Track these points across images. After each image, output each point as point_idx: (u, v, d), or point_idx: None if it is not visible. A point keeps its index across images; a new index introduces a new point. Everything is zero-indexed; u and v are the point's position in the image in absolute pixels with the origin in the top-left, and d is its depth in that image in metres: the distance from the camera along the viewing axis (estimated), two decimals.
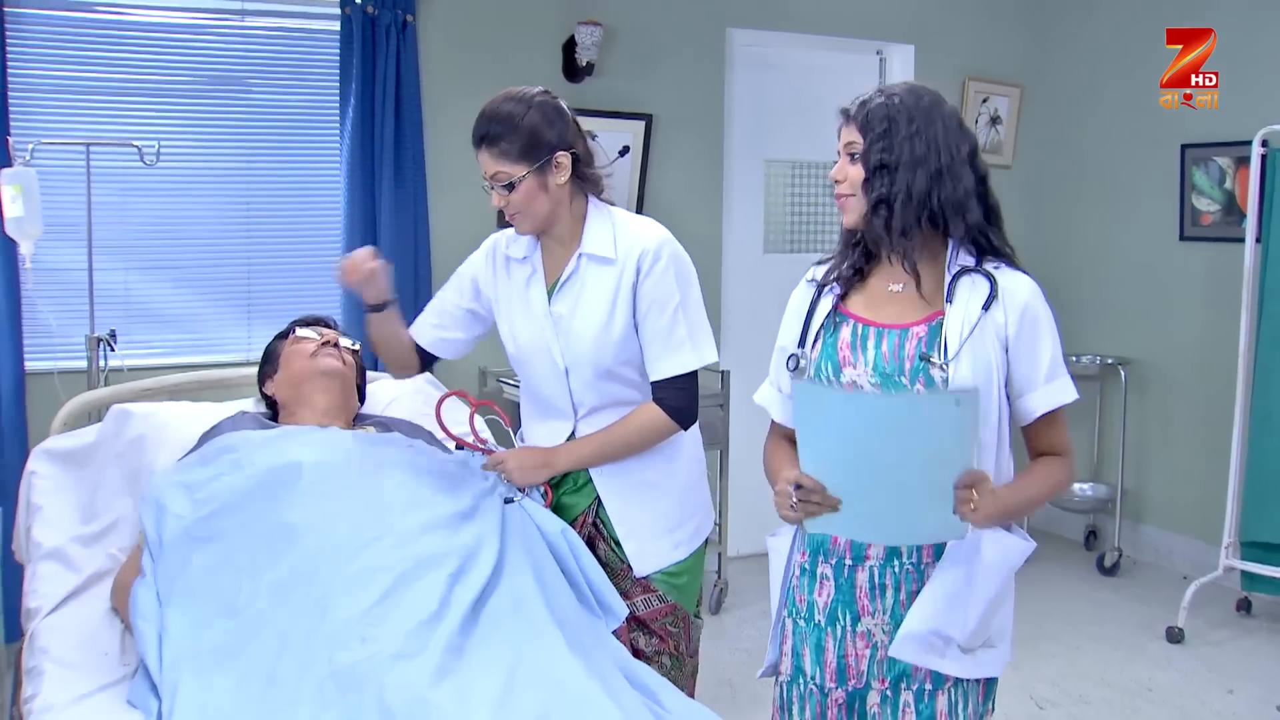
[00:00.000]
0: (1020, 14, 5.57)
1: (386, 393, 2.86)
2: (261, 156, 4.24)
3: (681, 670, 2.47)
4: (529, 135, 2.28)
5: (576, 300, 2.34)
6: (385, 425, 2.53)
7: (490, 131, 2.26)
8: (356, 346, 2.69)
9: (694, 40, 4.85)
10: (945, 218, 1.96)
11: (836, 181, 2.05)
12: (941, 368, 1.91)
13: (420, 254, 4.37)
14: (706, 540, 2.52)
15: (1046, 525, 5.68)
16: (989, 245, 2.02)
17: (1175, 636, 4.30)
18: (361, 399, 2.71)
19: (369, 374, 2.88)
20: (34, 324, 3.96)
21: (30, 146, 3.46)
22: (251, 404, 2.66)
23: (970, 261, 2.00)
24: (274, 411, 2.56)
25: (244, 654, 1.82)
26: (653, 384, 2.36)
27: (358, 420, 2.62)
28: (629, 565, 2.38)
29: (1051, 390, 1.98)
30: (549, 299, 2.36)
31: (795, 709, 2.10)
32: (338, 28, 4.19)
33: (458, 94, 4.43)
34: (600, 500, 2.40)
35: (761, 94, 5.11)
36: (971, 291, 1.97)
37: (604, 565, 2.39)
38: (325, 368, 2.50)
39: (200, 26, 4.12)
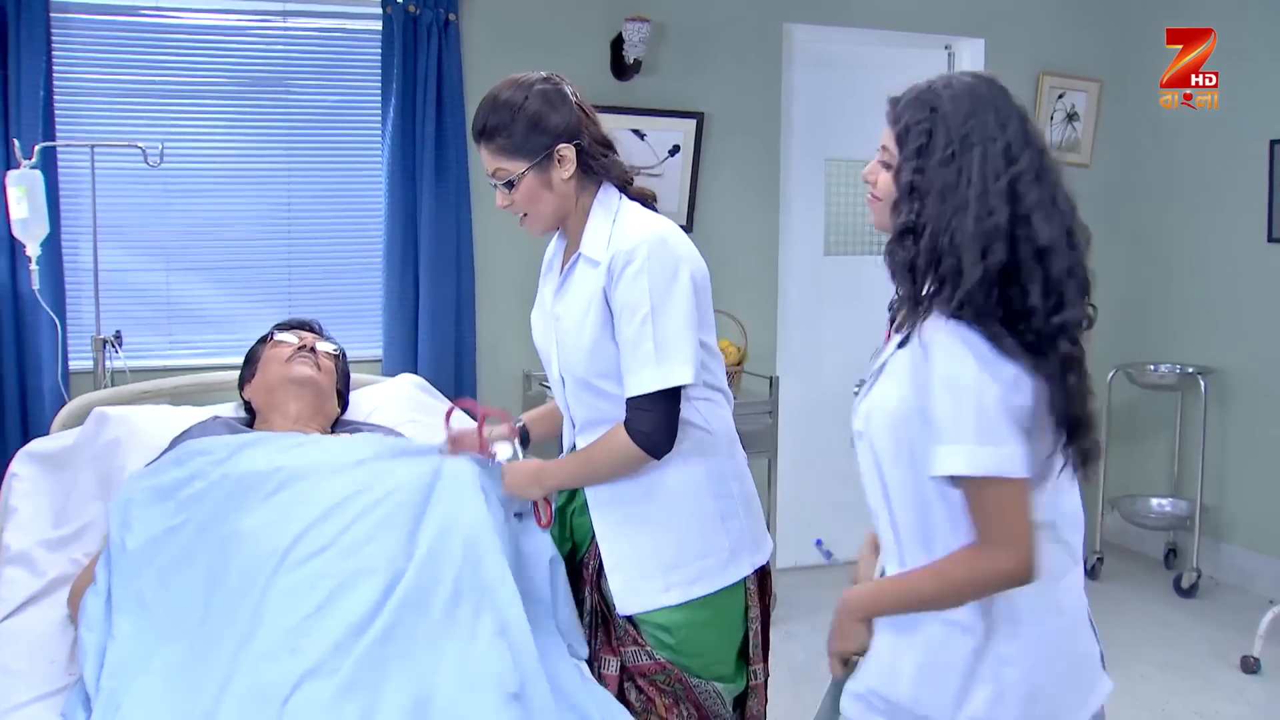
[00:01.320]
0: (1099, 3, 5.30)
1: (371, 399, 2.79)
2: (303, 157, 4.22)
3: None
4: (527, 126, 2.13)
5: (569, 304, 2.19)
6: (371, 433, 2.45)
7: (488, 124, 2.13)
8: (336, 352, 2.62)
9: (749, 36, 4.71)
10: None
11: (867, 181, 1.88)
12: None
13: (463, 255, 4.31)
14: (732, 589, 2.23)
15: (1124, 541, 5.41)
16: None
17: (1250, 667, 4.02)
18: (344, 405, 2.64)
19: (358, 377, 2.84)
20: (77, 323, 4.00)
21: (36, 148, 3.46)
22: (231, 409, 2.62)
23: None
24: (253, 416, 2.50)
25: (183, 665, 1.77)
26: (626, 403, 2.13)
27: (336, 427, 2.55)
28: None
29: (942, 454, 1.66)
30: (553, 300, 2.24)
31: None
32: (379, 27, 4.15)
33: None
34: None
35: (822, 91, 4.95)
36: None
37: (606, 604, 2.25)
38: (296, 375, 2.44)
39: (242, 28, 4.11)
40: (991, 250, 1.67)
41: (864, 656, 1.81)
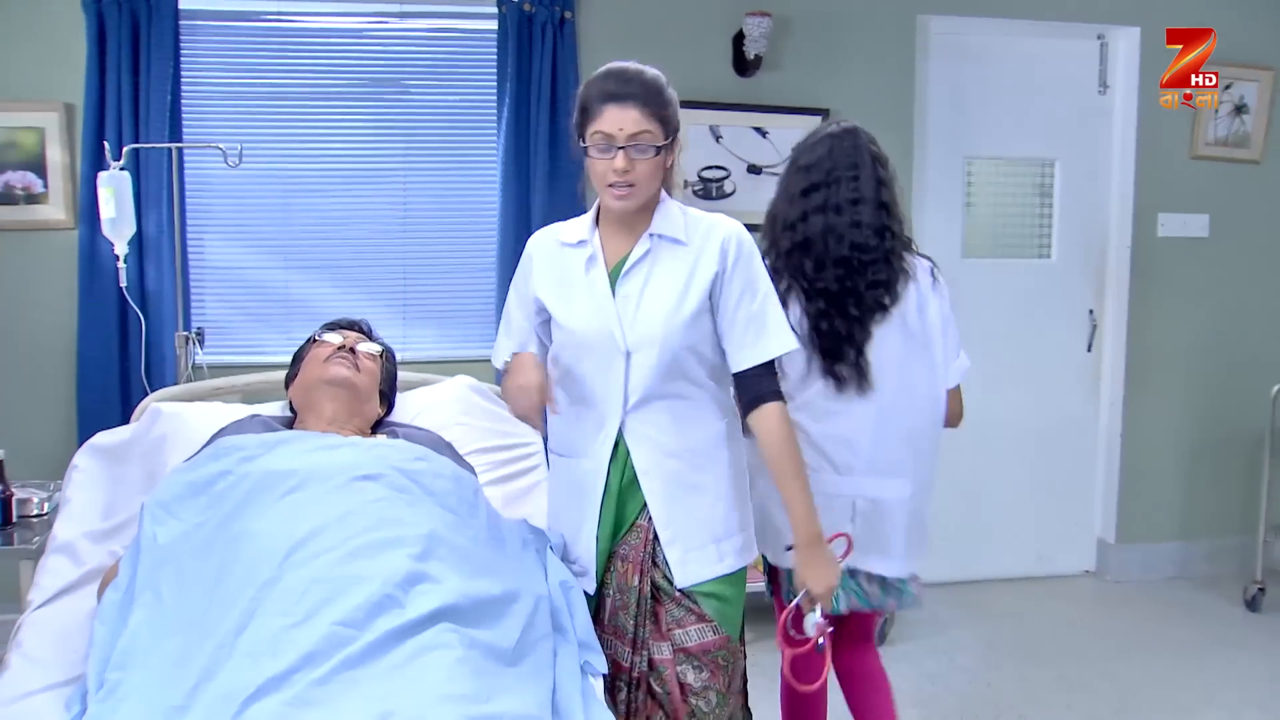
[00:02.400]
0: None
1: (420, 401, 2.74)
2: (419, 157, 4.26)
3: (725, 708, 2.30)
4: (670, 109, 2.20)
5: (646, 281, 2.23)
6: (408, 436, 2.41)
7: (644, 92, 2.15)
8: (378, 352, 2.59)
9: (878, 29, 4.51)
10: None
11: None
12: None
13: None
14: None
15: None
16: None
17: None
18: (389, 406, 2.60)
19: (412, 377, 2.80)
20: (201, 318, 4.12)
21: (125, 149, 3.57)
22: (278, 408, 2.61)
23: None
24: (295, 415, 2.49)
25: (177, 660, 1.75)
26: (745, 376, 2.26)
27: (378, 428, 2.51)
28: (672, 580, 2.24)
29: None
30: (613, 281, 2.24)
31: None
32: (495, 27, 4.15)
33: None
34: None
35: (960, 86, 4.70)
36: None
37: (656, 591, 2.25)
38: (331, 375, 2.41)
39: (359, 30, 4.18)
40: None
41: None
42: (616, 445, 2.24)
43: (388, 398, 2.59)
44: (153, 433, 2.51)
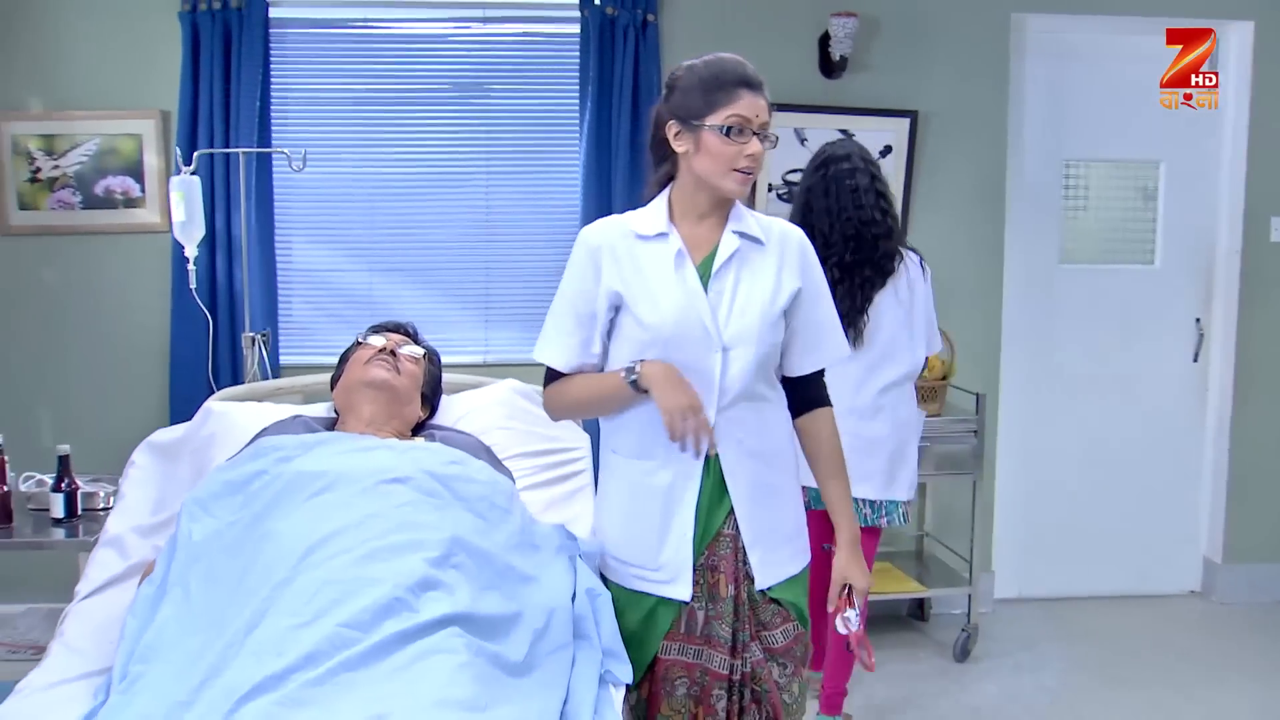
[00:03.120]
0: None
1: (465, 404, 2.74)
2: (501, 160, 4.29)
3: (803, 695, 2.34)
4: None
5: (738, 278, 2.20)
6: (446, 439, 2.41)
7: (764, 82, 2.17)
8: (421, 355, 2.60)
9: (971, 28, 4.38)
10: None
11: None
12: None
13: None
14: None
15: None
16: None
17: None
18: (432, 409, 2.61)
19: (461, 379, 2.81)
20: (289, 320, 4.22)
21: (195, 155, 3.66)
22: (325, 409, 2.64)
23: None
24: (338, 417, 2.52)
25: (195, 654, 1.78)
26: (803, 380, 2.31)
27: (419, 430, 2.52)
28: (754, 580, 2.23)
29: None
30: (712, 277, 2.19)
31: None
32: (578, 31, 4.16)
33: None
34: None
35: (1060, 86, 4.53)
36: None
37: (748, 603, 2.21)
38: (370, 378, 2.43)
39: (444, 35, 4.22)
40: None
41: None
42: None
43: (430, 400, 2.60)
44: (203, 431, 2.56)
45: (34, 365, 4.15)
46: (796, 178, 4.33)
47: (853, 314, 3.19)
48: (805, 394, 2.30)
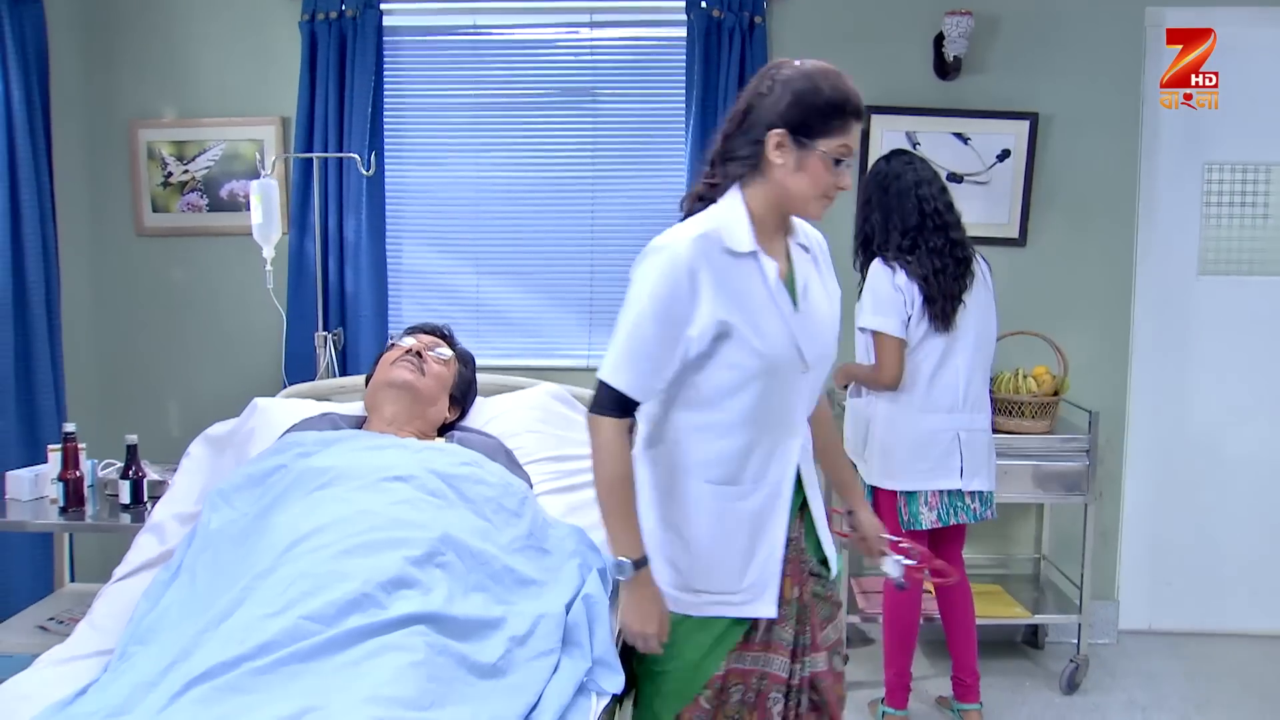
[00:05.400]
0: None
1: (495, 407, 2.73)
2: (608, 164, 4.30)
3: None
4: None
5: (808, 290, 2.12)
6: (465, 441, 2.41)
7: None
8: (448, 358, 2.60)
9: (1099, 24, 4.15)
10: None
11: None
12: None
13: None
14: None
15: None
16: None
17: None
18: (463, 411, 2.61)
19: (498, 380, 2.80)
20: (398, 321, 4.32)
21: (270, 160, 3.77)
22: (361, 406, 2.68)
23: None
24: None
25: (181, 637, 1.82)
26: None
27: (445, 432, 2.53)
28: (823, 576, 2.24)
29: None
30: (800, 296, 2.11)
31: None
32: (684, 34, 4.13)
33: None
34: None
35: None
36: None
37: (810, 603, 2.18)
38: (393, 378, 2.47)
39: (551, 41, 4.26)
40: None
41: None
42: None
43: (460, 402, 2.62)
44: (246, 426, 2.65)
45: (165, 360, 4.37)
46: None
47: (953, 304, 3.29)
48: None
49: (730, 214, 2.04)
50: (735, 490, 2.10)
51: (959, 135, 4.14)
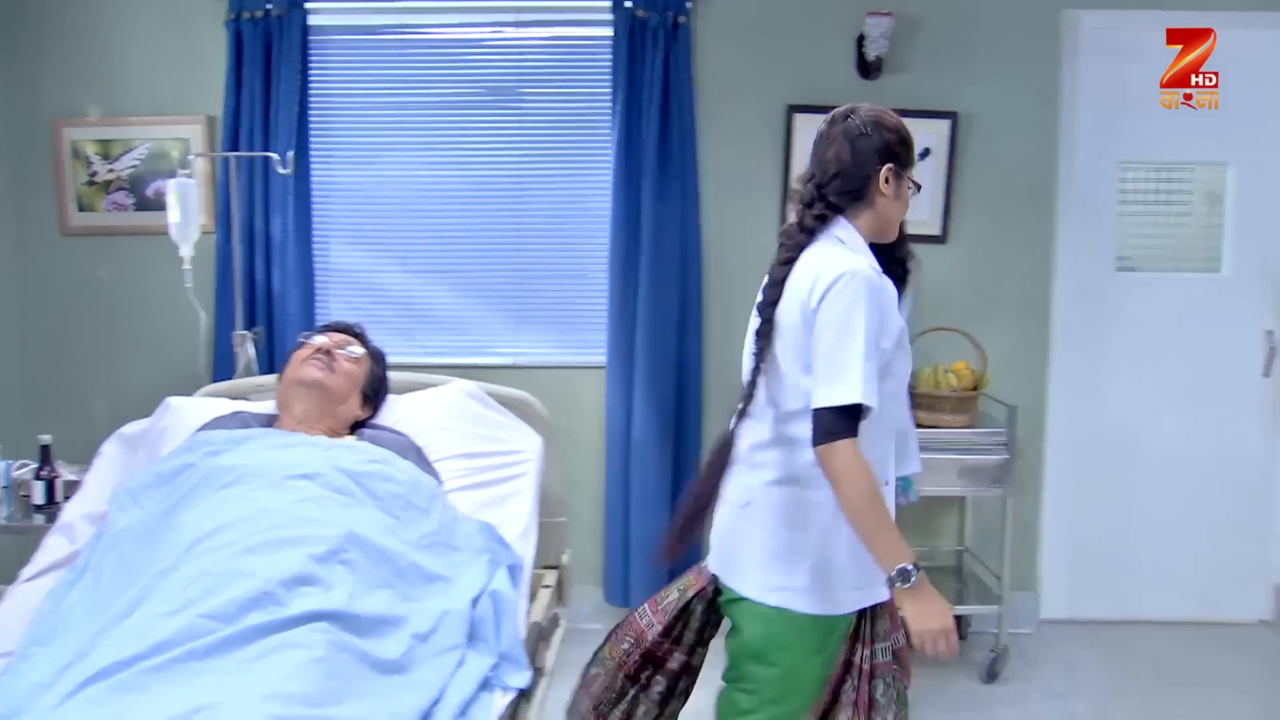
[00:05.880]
0: None
1: (409, 405, 2.76)
2: (534, 163, 4.31)
3: None
4: None
5: None
6: (376, 439, 2.44)
7: None
8: (359, 356, 2.63)
9: (1018, 27, 4.22)
10: None
11: None
12: None
13: (688, 263, 4.23)
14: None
15: None
16: None
17: None
18: (375, 408, 2.64)
19: (409, 378, 2.82)
20: (324, 320, 4.31)
21: (191, 158, 3.79)
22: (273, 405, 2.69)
23: None
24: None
25: (80, 638, 1.83)
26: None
27: (356, 429, 2.55)
28: None
29: None
30: None
31: None
32: (610, 33, 4.16)
33: (738, 96, 4.23)
34: None
35: (1118, 85, 4.30)
36: None
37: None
38: (301, 376, 2.49)
39: (478, 40, 4.27)
40: None
41: None
42: None
43: (372, 400, 2.64)
44: (159, 424, 2.66)
45: (91, 360, 4.35)
46: None
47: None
48: None
49: (860, 243, 2.25)
50: (888, 490, 2.22)
51: None
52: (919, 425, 3.67)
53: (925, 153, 4.22)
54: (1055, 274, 4.34)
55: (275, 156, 3.92)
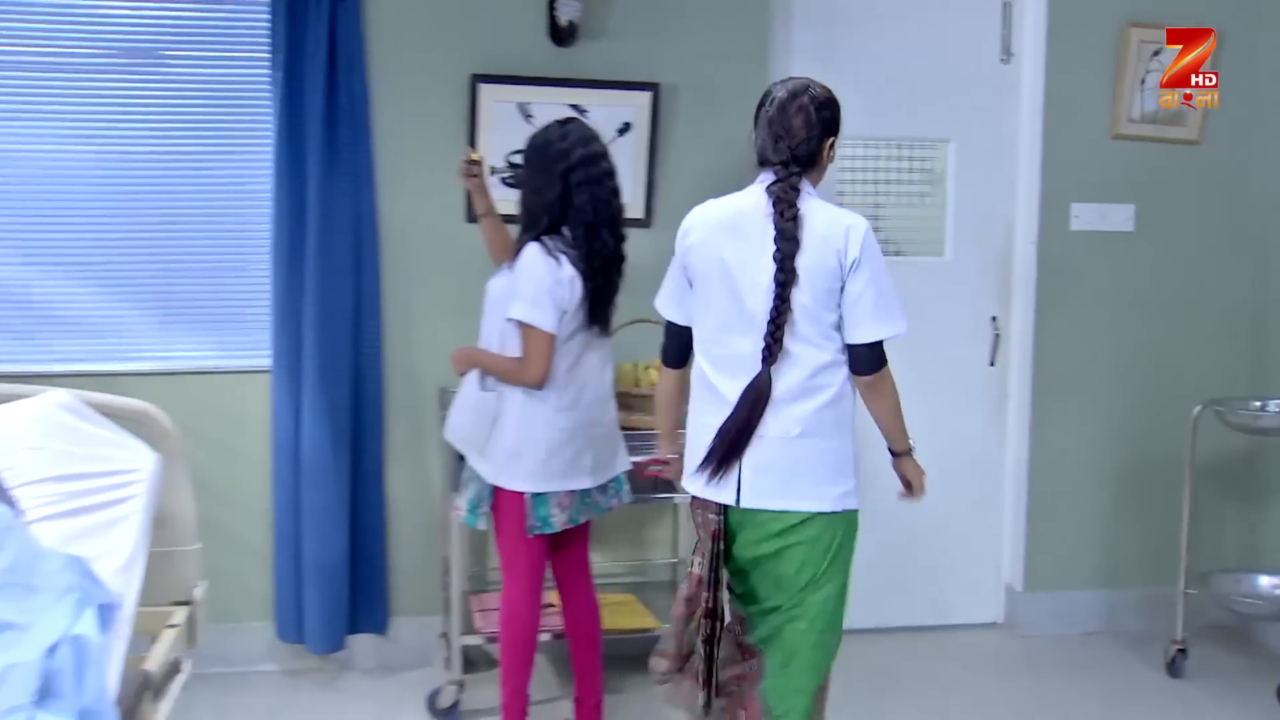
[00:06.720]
0: None
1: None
2: (182, 140, 3.75)
3: None
4: None
5: None
6: None
7: None
8: None
9: None
10: None
11: None
12: None
13: (364, 252, 3.78)
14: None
15: (1217, 627, 4.24)
16: None
17: None
18: None
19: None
20: None
21: None
22: None
23: None
24: None
25: None
26: None
27: None
28: None
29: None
30: None
31: None
32: None
33: (417, 64, 3.77)
34: None
35: (831, 56, 4.00)
36: None
37: None
38: None
39: None
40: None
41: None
42: None
43: None
44: None
45: None
46: (521, 159, 3.84)
47: (608, 308, 3.18)
48: None
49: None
50: None
51: (576, 107, 3.78)
52: (622, 427, 3.34)
53: (626, 127, 3.85)
54: None
55: None
